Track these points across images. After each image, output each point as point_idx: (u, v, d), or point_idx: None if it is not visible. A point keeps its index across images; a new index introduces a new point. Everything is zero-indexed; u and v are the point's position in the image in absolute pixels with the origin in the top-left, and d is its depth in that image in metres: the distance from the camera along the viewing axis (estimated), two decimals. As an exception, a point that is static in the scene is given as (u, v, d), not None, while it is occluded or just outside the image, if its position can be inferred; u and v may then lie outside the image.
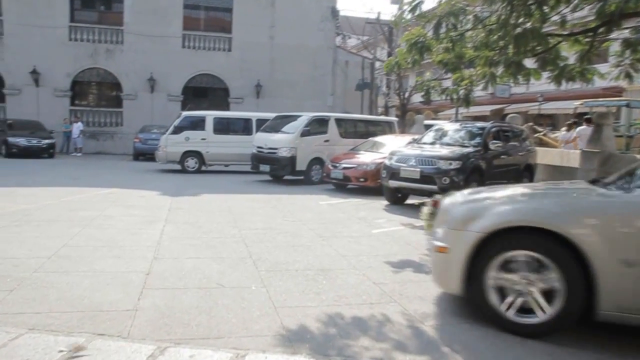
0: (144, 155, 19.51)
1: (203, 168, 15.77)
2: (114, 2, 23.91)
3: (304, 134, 13.34)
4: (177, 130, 15.57)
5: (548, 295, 3.43)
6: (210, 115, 15.91)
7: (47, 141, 19.27)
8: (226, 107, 23.52)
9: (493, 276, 3.58)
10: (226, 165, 16.25)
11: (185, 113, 16.28)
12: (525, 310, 3.52)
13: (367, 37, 28.86)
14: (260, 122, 15.46)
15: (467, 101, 9.10)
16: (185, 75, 24.16)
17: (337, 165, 12.07)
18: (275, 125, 14.33)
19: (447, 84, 10.89)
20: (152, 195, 10.34)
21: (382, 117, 19.70)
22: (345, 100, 26.65)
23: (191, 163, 15.59)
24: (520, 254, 3.52)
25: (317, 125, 13.83)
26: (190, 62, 24.03)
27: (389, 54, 21.55)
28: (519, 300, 3.52)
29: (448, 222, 3.90)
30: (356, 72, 26.62)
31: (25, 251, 5.34)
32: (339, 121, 14.39)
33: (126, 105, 23.83)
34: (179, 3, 23.83)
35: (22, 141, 18.64)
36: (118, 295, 4.06)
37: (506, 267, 3.56)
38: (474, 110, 21.42)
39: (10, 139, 18.68)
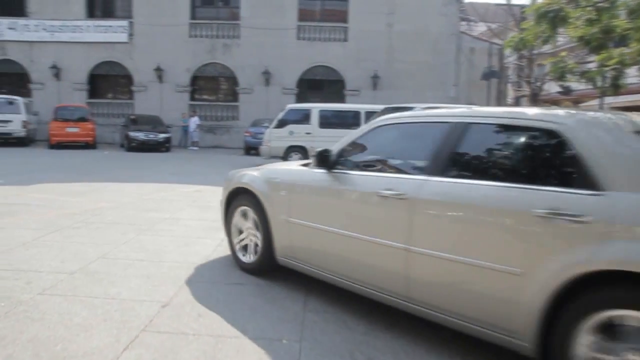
0: (255, 149, 19.17)
1: (307, 164, 14.89)
2: (232, -3, 24.05)
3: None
4: (281, 123, 14.84)
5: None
6: (316, 107, 14.95)
7: (163, 135, 19.73)
8: (341, 100, 22.54)
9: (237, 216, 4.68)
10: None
11: (290, 106, 15.53)
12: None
13: (496, 24, 26.21)
14: (370, 115, 14.15)
15: (616, 87, 7.09)
16: (300, 67, 23.59)
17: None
18: (384, 119, 12.94)
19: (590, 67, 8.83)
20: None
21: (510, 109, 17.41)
22: (470, 90, 24.38)
23: (295, 159, 14.74)
24: (244, 208, 4.58)
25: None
26: (305, 54, 23.40)
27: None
28: (244, 242, 4.61)
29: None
30: (482, 60, 24.18)
31: (56, 262, 4.63)
32: (455, 113, 12.64)
33: (242, 99, 23.84)
34: (294, -6, 23.33)
35: (140, 135, 19.24)
36: (103, 340, 3.06)
37: (245, 214, 4.60)
38: (624, 99, 18.18)
39: (131, 134, 19.40)
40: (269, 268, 4.38)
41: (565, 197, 2.50)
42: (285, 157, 14.64)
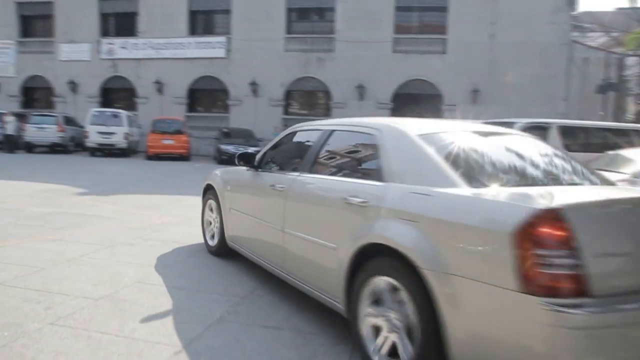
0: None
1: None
2: (326, 11, 23.75)
3: (515, 144, 10.53)
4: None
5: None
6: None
7: (253, 149, 19.64)
8: (438, 115, 21.36)
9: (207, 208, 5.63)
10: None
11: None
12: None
13: (616, 32, 23.72)
14: (465, 131, 13.05)
15: None
16: (396, 81, 22.74)
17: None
18: (481, 134, 11.74)
19: None
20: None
21: (631, 125, 15.34)
22: (582, 105, 22.14)
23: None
24: (210, 202, 5.54)
25: (533, 135, 10.86)
26: (400, 68, 22.53)
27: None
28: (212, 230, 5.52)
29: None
30: (598, 71, 21.91)
31: (88, 285, 4.20)
32: (564, 129, 11.13)
33: (335, 114, 23.34)
34: (390, 6, 22.55)
35: (231, 148, 19.32)
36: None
37: (211, 207, 5.52)
38: None
39: (222, 146, 19.59)
40: (223, 252, 5.23)
41: (362, 187, 3.12)
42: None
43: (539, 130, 10.90)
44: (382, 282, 2.77)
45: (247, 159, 4.80)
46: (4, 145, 21.26)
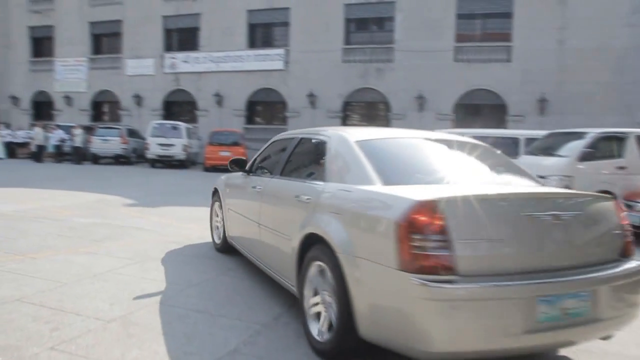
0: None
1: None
2: (386, 21, 23.26)
3: (586, 157, 9.54)
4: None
5: None
6: (467, 134, 13.22)
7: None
8: (503, 126, 20.33)
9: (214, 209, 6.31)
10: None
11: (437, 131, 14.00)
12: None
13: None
14: (531, 142, 12.17)
15: None
16: (457, 91, 21.87)
17: (636, 204, 8.17)
18: (548, 146, 10.80)
19: None
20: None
21: None
22: (665, 115, 20.40)
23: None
24: (216, 204, 6.17)
25: (607, 146, 9.86)
26: (462, 77, 21.66)
27: None
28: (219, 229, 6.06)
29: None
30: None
31: (104, 305, 3.92)
32: (643, 139, 10.11)
33: (394, 125, 22.75)
34: (451, 13, 21.78)
35: (287, 161, 19.16)
36: None
37: (216, 208, 6.18)
38: None
39: (278, 159, 19.43)
40: (225, 248, 5.80)
41: (309, 186, 3.68)
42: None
43: (614, 141, 9.96)
44: (317, 266, 3.28)
45: (239, 164, 5.36)
46: (72, 156, 22.12)
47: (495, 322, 2.53)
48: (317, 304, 3.27)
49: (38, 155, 21.96)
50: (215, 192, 6.22)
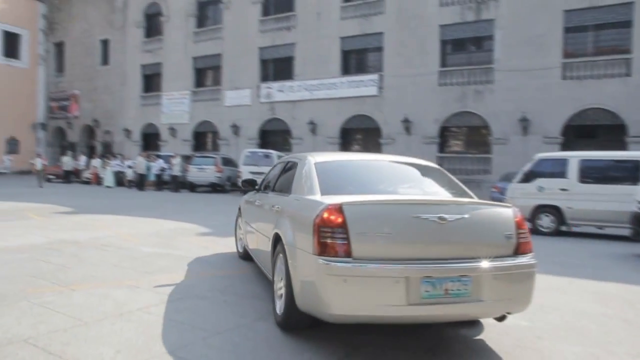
0: (503, 207, 16.36)
1: (562, 228, 11.65)
2: (484, 40, 21.88)
3: None
4: (528, 177, 12.04)
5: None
6: (576, 157, 11.65)
7: (401, 189, 18.43)
8: (621, 148, 18.04)
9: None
10: (600, 228, 11.65)
11: (540, 155, 12.51)
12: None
13: None
14: (656, 165, 10.45)
15: None
16: (566, 111, 19.85)
17: None
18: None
19: None
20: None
21: None
22: None
23: (545, 221, 11.69)
24: (239, 218, 7.29)
25: None
26: (572, 96, 19.66)
27: None
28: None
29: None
30: None
31: (110, 352, 3.39)
32: None
33: (495, 151, 21.17)
34: (557, 28, 19.95)
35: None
36: None
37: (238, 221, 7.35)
38: None
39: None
40: (246, 256, 6.69)
41: (281, 198, 4.75)
42: (532, 219, 11.69)
43: None
44: (280, 258, 4.14)
45: (251, 184, 6.46)
46: (170, 184, 22.90)
47: (381, 294, 3.31)
48: (281, 287, 4.09)
49: (140, 183, 22.98)
50: (239, 209, 7.24)
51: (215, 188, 23.20)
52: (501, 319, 3.84)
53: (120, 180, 25.37)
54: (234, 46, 28.49)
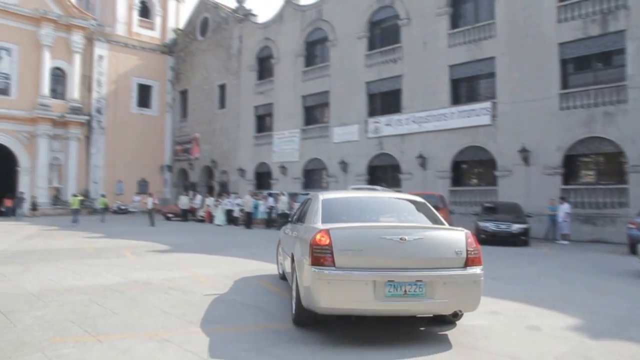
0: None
1: None
2: (613, 55, 19.31)
3: None
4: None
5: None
6: None
7: (518, 226, 16.45)
8: None
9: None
10: None
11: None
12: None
13: None
14: None
15: None
16: None
17: None
18: None
19: None
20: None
21: None
22: None
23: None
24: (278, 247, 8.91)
25: None
26: None
27: None
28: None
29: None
30: None
31: None
32: None
33: (633, 180, 18.35)
34: None
35: (490, 226, 16.58)
36: None
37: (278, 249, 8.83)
38: None
39: (480, 224, 16.96)
40: (283, 277, 8.09)
41: (298, 226, 6.34)
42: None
43: None
44: (295, 271, 5.59)
45: (284, 217, 10.71)
46: (278, 222, 22.83)
47: (355, 293, 4.72)
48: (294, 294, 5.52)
49: (248, 222, 23.18)
50: (279, 238, 8.58)
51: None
52: (455, 316, 5.42)
53: (231, 218, 25.92)
54: (341, 82, 28.36)
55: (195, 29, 40.10)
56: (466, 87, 23.76)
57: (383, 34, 26.91)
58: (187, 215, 29.45)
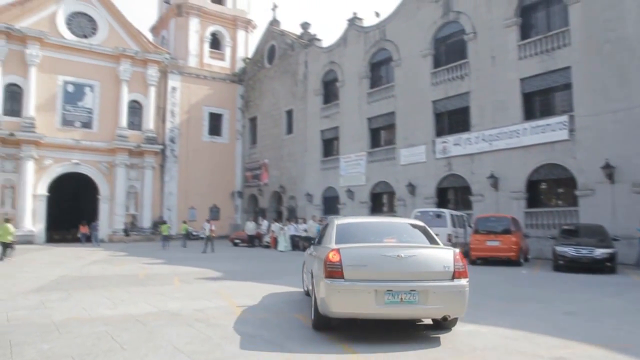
0: None
1: None
2: None
3: None
4: None
5: None
6: None
7: (602, 251, 14.64)
8: None
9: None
10: None
11: None
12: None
13: None
14: None
15: None
16: None
17: None
18: None
19: None
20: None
21: None
22: None
23: None
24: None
25: None
26: None
27: None
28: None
29: None
30: None
31: None
32: None
33: None
34: None
35: (569, 251, 14.91)
36: None
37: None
38: None
39: (557, 248, 15.31)
40: (308, 294, 8.77)
41: (318, 247, 7.39)
42: None
43: None
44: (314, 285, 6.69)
45: (308, 240, 13.70)
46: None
47: (360, 300, 5.80)
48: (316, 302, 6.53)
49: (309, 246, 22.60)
50: (304, 260, 9.32)
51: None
52: (444, 319, 6.29)
53: (296, 244, 25.48)
54: (407, 102, 27.46)
55: (263, 57, 40.79)
56: (540, 100, 22.08)
57: (448, 50, 25.84)
58: (253, 241, 29.39)
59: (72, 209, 38.61)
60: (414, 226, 7.41)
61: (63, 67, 35.23)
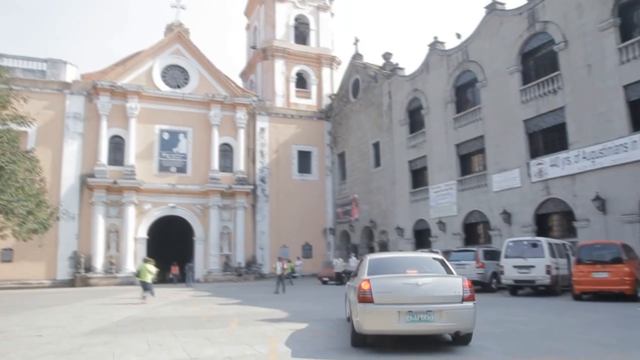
0: None
1: None
2: None
3: None
4: None
5: None
6: None
7: None
8: None
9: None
10: None
11: None
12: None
13: None
14: None
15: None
16: None
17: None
18: None
19: None
20: None
21: None
22: None
23: None
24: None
25: None
26: None
27: None
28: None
29: None
30: None
31: None
32: None
33: None
34: None
35: None
36: None
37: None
38: None
39: None
40: (349, 320, 9.09)
41: (354, 278, 8.97)
42: None
43: None
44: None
45: (348, 274, 19.07)
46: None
47: (386, 320, 7.21)
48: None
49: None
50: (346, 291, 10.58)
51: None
52: (456, 334, 7.58)
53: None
54: (496, 124, 25.50)
55: (348, 92, 40.54)
56: (648, 109, 19.34)
57: (537, 63, 23.73)
58: (341, 278, 28.38)
59: (168, 251, 40.18)
60: (435, 259, 8.82)
61: (159, 117, 37.29)
